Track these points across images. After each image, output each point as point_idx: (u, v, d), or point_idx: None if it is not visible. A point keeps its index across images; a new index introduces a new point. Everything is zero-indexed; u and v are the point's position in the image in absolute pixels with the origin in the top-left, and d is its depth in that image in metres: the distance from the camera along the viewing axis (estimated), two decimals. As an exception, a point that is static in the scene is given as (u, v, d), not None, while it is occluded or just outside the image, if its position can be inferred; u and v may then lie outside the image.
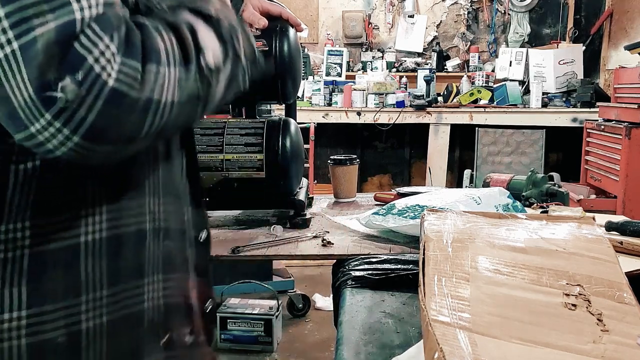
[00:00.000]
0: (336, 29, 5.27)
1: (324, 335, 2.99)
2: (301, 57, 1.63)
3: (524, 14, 5.09)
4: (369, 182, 5.30)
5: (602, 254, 0.89)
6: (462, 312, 0.71)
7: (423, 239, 0.92)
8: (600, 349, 0.68)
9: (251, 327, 2.81)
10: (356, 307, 1.05)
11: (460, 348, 0.63)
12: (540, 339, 0.68)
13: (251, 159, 1.49)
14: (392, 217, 1.43)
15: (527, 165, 4.33)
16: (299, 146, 1.57)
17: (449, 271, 0.81)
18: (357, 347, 0.90)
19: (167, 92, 0.56)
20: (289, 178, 1.51)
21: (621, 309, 0.76)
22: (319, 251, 1.36)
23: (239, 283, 3.06)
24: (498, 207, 1.42)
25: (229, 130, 1.51)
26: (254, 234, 1.50)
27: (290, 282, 3.32)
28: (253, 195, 1.55)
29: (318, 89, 4.63)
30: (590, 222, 1.01)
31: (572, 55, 4.59)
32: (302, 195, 1.61)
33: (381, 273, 1.16)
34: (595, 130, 3.75)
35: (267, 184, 1.50)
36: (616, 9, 4.77)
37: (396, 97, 4.52)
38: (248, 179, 1.49)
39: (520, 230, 0.97)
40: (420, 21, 5.15)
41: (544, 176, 1.72)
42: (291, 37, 1.53)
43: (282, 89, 1.54)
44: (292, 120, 1.59)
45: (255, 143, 1.49)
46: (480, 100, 4.54)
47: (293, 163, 1.51)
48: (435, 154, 4.53)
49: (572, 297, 0.77)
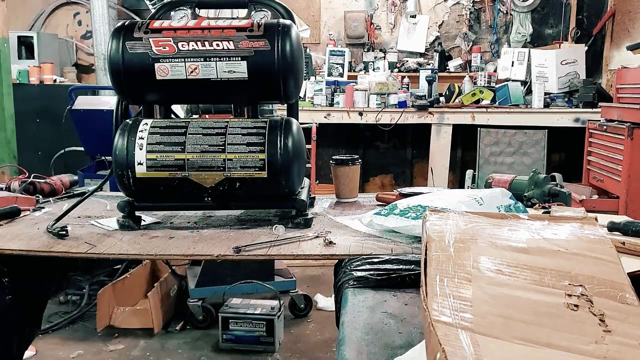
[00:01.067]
0: (338, 29, 5.27)
1: (326, 335, 2.99)
2: (303, 56, 1.62)
3: (526, 14, 5.08)
4: (371, 182, 5.30)
5: (605, 255, 0.89)
6: (464, 312, 0.71)
7: (425, 239, 0.92)
8: (603, 349, 0.68)
9: (253, 327, 2.81)
10: (358, 308, 1.05)
11: (462, 348, 0.63)
12: (543, 340, 0.68)
13: (253, 159, 1.48)
14: (394, 218, 1.43)
15: (529, 165, 4.33)
16: (301, 146, 1.56)
17: (451, 271, 0.81)
18: (359, 347, 0.90)
19: None
20: (290, 178, 1.50)
21: (623, 310, 0.76)
22: (321, 251, 1.36)
23: (240, 283, 3.06)
24: (500, 208, 1.42)
25: (231, 130, 1.50)
26: (256, 234, 1.50)
27: (292, 282, 3.32)
28: (255, 195, 1.54)
29: (320, 89, 4.63)
30: (593, 223, 1.01)
31: (574, 56, 4.58)
32: (304, 195, 1.61)
33: (383, 273, 1.16)
34: (598, 130, 3.75)
35: (269, 184, 1.49)
36: (618, 9, 4.76)
37: (398, 98, 4.52)
38: (250, 179, 1.49)
39: (522, 230, 0.97)
40: (422, 21, 5.15)
41: (546, 176, 1.72)
42: (293, 35, 1.52)
43: (284, 88, 1.53)
44: (294, 120, 1.58)
45: (257, 143, 1.48)
46: (482, 101, 4.54)
47: (295, 163, 1.50)
48: (437, 154, 4.53)
49: (574, 298, 0.77)
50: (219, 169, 1.48)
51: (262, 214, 1.72)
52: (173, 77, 1.51)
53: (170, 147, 1.49)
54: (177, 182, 1.50)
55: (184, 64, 1.50)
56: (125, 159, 1.49)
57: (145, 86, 1.55)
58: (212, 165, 1.48)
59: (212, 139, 1.50)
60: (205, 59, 1.50)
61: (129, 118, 1.58)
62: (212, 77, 1.51)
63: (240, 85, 1.52)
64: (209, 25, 1.54)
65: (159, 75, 1.51)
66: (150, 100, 1.62)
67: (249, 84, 1.51)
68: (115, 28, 1.56)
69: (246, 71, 1.49)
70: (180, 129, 1.51)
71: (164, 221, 1.67)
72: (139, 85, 1.56)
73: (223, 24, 1.54)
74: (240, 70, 1.49)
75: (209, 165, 1.48)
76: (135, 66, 1.51)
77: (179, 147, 1.49)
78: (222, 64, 1.49)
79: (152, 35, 1.51)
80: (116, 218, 1.59)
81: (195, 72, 1.50)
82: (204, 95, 1.67)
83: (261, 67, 1.49)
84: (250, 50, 1.49)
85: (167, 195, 1.54)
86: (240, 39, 1.49)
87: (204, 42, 1.50)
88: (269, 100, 1.67)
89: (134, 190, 1.52)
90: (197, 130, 1.51)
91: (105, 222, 1.62)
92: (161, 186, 1.51)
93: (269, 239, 1.42)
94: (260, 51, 1.49)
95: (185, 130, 1.51)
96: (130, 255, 1.43)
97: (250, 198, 1.56)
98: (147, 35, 1.52)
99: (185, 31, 1.52)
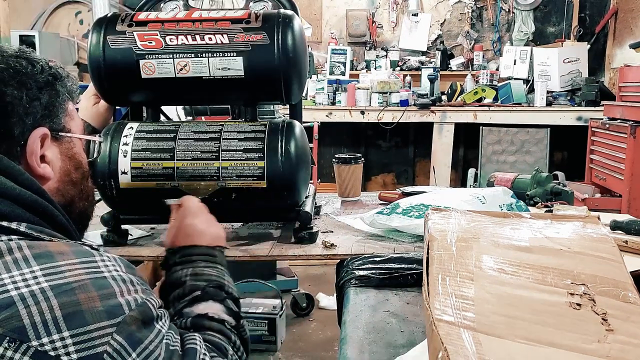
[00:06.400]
0: (340, 28, 5.26)
1: (328, 334, 2.99)
2: (307, 51, 1.46)
3: (528, 12, 5.07)
4: (373, 181, 5.30)
5: (607, 253, 0.89)
6: (467, 311, 0.71)
7: (427, 238, 0.92)
8: (605, 348, 0.68)
9: (255, 326, 2.81)
10: (360, 307, 1.05)
11: (465, 347, 0.63)
12: (545, 339, 0.68)
13: (250, 167, 1.31)
14: (397, 217, 1.43)
15: (532, 164, 4.32)
16: (305, 152, 1.38)
17: (453, 270, 0.80)
18: (361, 346, 0.90)
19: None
20: (292, 188, 1.33)
21: (626, 309, 0.76)
22: (323, 251, 1.36)
23: (242, 282, 3.06)
24: (502, 207, 1.42)
25: (226, 135, 1.33)
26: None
27: (294, 281, 3.32)
28: (253, 207, 1.38)
29: (322, 87, 4.63)
30: (595, 222, 1.01)
31: (576, 54, 4.57)
32: (309, 206, 1.45)
33: (385, 272, 1.16)
34: (600, 129, 3.74)
35: (269, 195, 1.32)
36: (621, 7, 4.75)
37: (400, 96, 4.51)
38: (247, 189, 1.32)
39: (524, 229, 0.97)
40: (424, 20, 5.14)
41: (548, 175, 1.72)
42: (296, 28, 1.36)
43: (286, 87, 1.36)
44: (297, 122, 1.40)
45: (255, 149, 1.31)
46: (484, 99, 4.53)
47: (298, 171, 1.33)
48: (439, 153, 4.52)
49: (576, 297, 0.77)
50: (212, 178, 1.32)
51: (262, 226, 1.59)
52: (160, 76, 1.35)
53: (158, 154, 1.32)
54: (166, 193, 1.31)
55: (173, 61, 1.34)
56: (108, 168, 1.32)
57: (129, 85, 1.39)
58: (204, 174, 1.32)
59: (205, 144, 1.33)
60: (197, 55, 1.34)
61: (115, 120, 1.45)
62: (204, 75, 1.35)
63: (236, 84, 1.35)
64: (201, 17, 1.37)
65: (145, 74, 1.35)
66: (136, 101, 1.46)
67: (245, 83, 1.35)
68: (96, 20, 1.40)
69: (242, 68, 1.33)
70: (169, 134, 1.34)
71: (155, 234, 1.52)
72: (122, 85, 1.39)
73: (217, 15, 1.38)
74: (236, 67, 1.33)
75: (201, 174, 1.32)
76: (117, 63, 1.35)
77: (168, 154, 1.32)
78: (216, 60, 1.33)
79: (136, 29, 1.35)
80: (100, 232, 1.42)
81: (185, 70, 1.35)
82: (195, 96, 1.48)
83: (259, 63, 1.33)
84: (247, 45, 1.32)
85: (155, 207, 1.27)
86: (235, 32, 1.33)
87: (194, 35, 1.34)
88: (269, 100, 1.51)
89: (117, 202, 1.35)
90: (188, 135, 1.34)
91: (90, 235, 1.42)
92: (148, 198, 1.33)
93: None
94: (259, 45, 1.32)
95: (174, 135, 1.34)
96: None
97: (247, 210, 1.41)
98: (132, 28, 1.35)
99: (173, 24, 1.36)
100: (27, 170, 0.77)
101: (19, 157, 0.78)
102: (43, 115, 0.80)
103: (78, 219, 0.88)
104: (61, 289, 0.64)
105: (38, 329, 0.61)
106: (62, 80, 0.85)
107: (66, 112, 0.86)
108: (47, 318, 0.62)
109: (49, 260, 0.66)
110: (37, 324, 0.61)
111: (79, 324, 0.63)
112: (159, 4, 1.56)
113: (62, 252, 0.68)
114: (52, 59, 0.87)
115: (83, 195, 0.90)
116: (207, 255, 0.95)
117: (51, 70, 0.83)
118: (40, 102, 0.80)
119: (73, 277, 0.66)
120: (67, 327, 0.62)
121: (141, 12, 1.45)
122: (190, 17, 1.38)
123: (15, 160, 0.77)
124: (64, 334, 0.62)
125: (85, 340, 0.62)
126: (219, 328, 0.83)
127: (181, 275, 0.90)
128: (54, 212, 0.77)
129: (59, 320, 0.62)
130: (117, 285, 0.68)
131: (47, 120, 0.81)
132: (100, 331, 0.63)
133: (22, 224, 0.71)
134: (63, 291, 0.64)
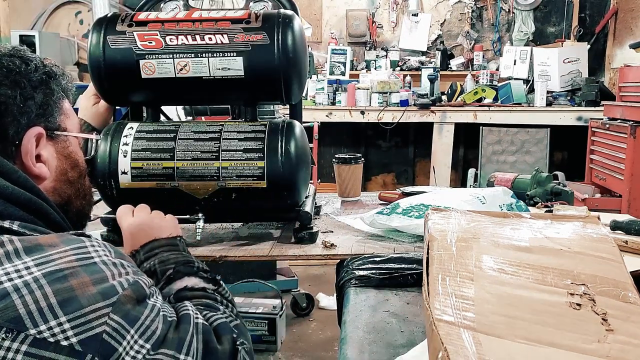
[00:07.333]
0: (340, 28, 5.26)
1: (328, 334, 2.99)
2: (307, 51, 1.46)
3: (528, 13, 5.07)
4: (373, 181, 5.30)
5: (607, 254, 0.88)
6: (467, 311, 0.71)
7: (427, 238, 0.92)
8: (605, 348, 0.68)
9: (255, 326, 2.81)
10: (360, 307, 1.05)
11: (465, 347, 0.63)
12: (545, 339, 0.68)
13: (250, 167, 1.31)
14: (397, 217, 1.43)
15: (532, 164, 4.32)
16: (305, 152, 1.39)
17: (453, 270, 0.80)
18: (361, 347, 0.90)
19: None
20: (293, 188, 1.34)
21: (626, 309, 0.76)
22: (323, 251, 1.36)
23: (242, 282, 3.06)
24: (502, 207, 1.42)
25: (226, 135, 1.34)
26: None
27: (294, 281, 3.32)
28: (253, 207, 1.39)
29: (322, 87, 4.63)
30: (595, 222, 1.01)
31: (576, 54, 4.57)
32: (309, 206, 1.45)
33: (385, 272, 1.16)
34: (600, 129, 3.74)
35: (269, 195, 1.33)
36: (621, 7, 4.75)
37: (400, 96, 4.52)
38: (247, 189, 1.32)
39: (524, 229, 0.97)
40: (424, 20, 5.14)
41: (548, 175, 1.72)
42: (296, 28, 1.37)
43: (286, 87, 1.37)
44: (297, 122, 1.41)
45: (255, 149, 1.32)
46: (484, 99, 4.53)
47: (298, 171, 1.33)
48: (440, 153, 4.52)
49: (576, 297, 0.77)
50: (212, 178, 1.32)
51: (262, 226, 1.59)
52: (160, 75, 1.36)
53: (158, 154, 1.33)
54: (166, 193, 1.33)
55: (173, 61, 1.35)
56: (108, 168, 1.32)
57: (129, 85, 1.40)
58: (204, 174, 1.32)
59: (205, 144, 1.33)
60: (197, 55, 1.34)
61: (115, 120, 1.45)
62: (204, 75, 1.35)
63: (236, 84, 1.36)
64: (201, 17, 1.38)
65: (145, 74, 1.36)
66: (136, 101, 1.47)
67: (245, 83, 1.36)
68: (96, 20, 1.41)
69: (242, 68, 1.34)
70: (169, 134, 1.35)
71: None
72: (122, 85, 1.40)
73: (217, 15, 1.39)
74: (236, 67, 1.34)
75: (201, 174, 1.32)
76: (117, 63, 1.36)
77: (168, 154, 1.33)
78: (216, 60, 1.34)
79: (136, 29, 1.36)
80: (100, 232, 1.41)
81: (185, 70, 1.35)
82: (195, 96, 1.49)
83: (259, 63, 1.33)
84: (247, 45, 1.33)
85: (155, 208, 1.27)
86: (235, 32, 1.34)
87: (194, 35, 1.34)
88: (269, 100, 1.51)
89: (117, 201, 1.31)
90: (188, 135, 1.34)
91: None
92: (148, 197, 1.29)
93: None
94: (259, 45, 1.33)
95: (174, 135, 1.35)
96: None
97: (247, 210, 1.41)
98: (132, 28, 1.36)
99: (173, 24, 1.36)
100: (23, 170, 0.77)
101: (14, 157, 0.78)
102: (38, 114, 0.80)
103: (75, 218, 0.88)
104: (54, 276, 0.64)
105: (34, 317, 0.61)
106: (57, 78, 0.85)
107: (61, 111, 0.86)
108: (43, 305, 0.62)
109: (40, 252, 0.67)
110: (33, 312, 0.62)
111: (75, 308, 0.63)
112: (159, 4, 1.56)
113: (52, 243, 0.68)
114: (47, 57, 0.87)
115: (80, 194, 0.90)
116: (169, 245, 0.98)
117: (45, 68, 0.83)
118: (35, 101, 0.80)
119: (64, 263, 0.66)
120: (64, 312, 0.62)
121: (141, 12, 1.45)
122: (190, 17, 1.38)
123: (10, 160, 0.77)
124: (60, 319, 0.62)
125: (83, 323, 0.63)
126: (202, 294, 0.88)
127: (150, 267, 0.93)
128: (48, 210, 0.77)
129: (54, 307, 0.62)
130: (108, 269, 0.68)
131: (42, 119, 0.81)
132: (97, 312, 0.64)
133: (15, 222, 0.71)
134: (56, 278, 0.64)
